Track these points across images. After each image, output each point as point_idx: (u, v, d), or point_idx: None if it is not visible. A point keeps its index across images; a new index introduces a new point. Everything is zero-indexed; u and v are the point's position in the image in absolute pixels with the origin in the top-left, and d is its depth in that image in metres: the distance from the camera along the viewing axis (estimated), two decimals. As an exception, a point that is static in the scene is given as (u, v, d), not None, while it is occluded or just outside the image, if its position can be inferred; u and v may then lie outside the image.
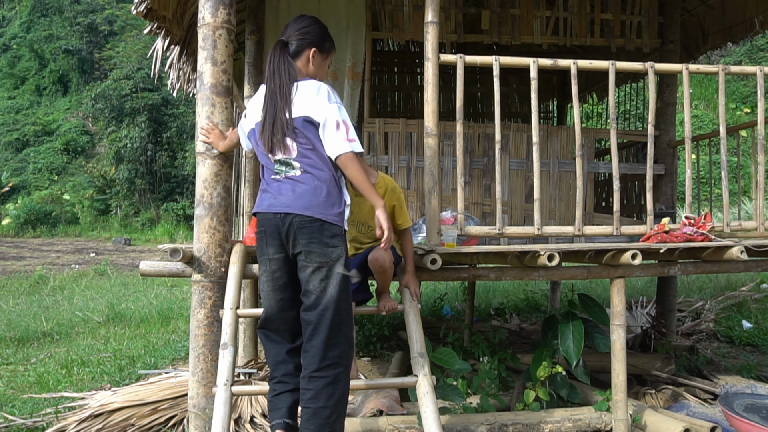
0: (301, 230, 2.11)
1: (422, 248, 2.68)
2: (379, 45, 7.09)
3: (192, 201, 16.03)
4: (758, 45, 17.01)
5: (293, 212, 2.12)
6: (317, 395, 2.06)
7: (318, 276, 2.10)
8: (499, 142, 2.90)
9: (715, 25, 5.21)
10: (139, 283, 9.91)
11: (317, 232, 2.11)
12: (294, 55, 2.27)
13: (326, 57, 2.39)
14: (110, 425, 3.14)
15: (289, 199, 2.14)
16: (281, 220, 2.14)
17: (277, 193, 2.18)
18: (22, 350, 5.39)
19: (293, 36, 2.28)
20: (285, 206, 2.14)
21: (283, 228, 2.13)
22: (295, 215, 2.11)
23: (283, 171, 2.18)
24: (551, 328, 3.34)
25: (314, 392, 2.07)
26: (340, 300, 2.11)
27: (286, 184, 2.17)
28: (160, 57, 3.80)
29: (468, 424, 2.83)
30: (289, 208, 2.13)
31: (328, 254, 2.11)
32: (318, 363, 2.07)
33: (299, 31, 2.29)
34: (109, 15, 28.46)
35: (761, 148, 3.12)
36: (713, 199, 6.08)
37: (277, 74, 2.20)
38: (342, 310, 2.12)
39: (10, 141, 25.22)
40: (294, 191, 2.14)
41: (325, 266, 2.11)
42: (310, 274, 2.11)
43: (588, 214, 4.71)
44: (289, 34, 2.29)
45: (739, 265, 3.06)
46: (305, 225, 2.11)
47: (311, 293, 2.11)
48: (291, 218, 2.12)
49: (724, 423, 3.01)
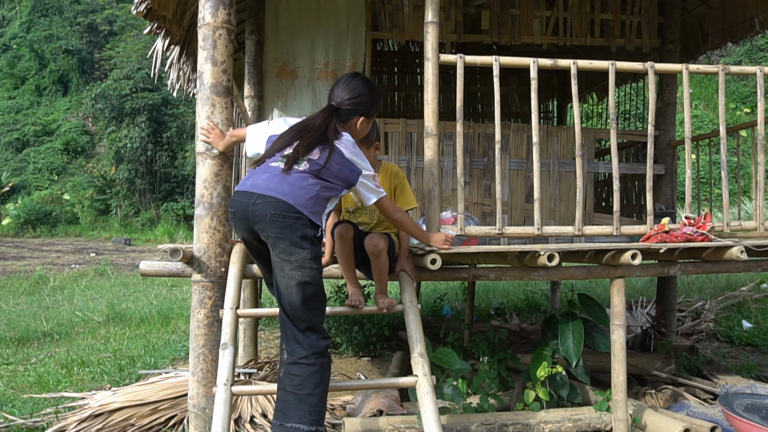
0: (277, 218, 2.07)
1: (422, 248, 2.68)
2: (379, 45, 7.09)
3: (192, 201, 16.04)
4: (758, 45, 17.02)
5: (274, 196, 2.07)
6: (304, 382, 2.06)
7: (288, 268, 2.09)
8: (499, 142, 2.90)
9: (715, 25, 5.21)
10: (139, 283, 9.91)
11: (295, 225, 2.08)
12: (343, 121, 2.32)
13: (371, 120, 2.45)
14: (110, 425, 3.14)
15: (278, 185, 2.10)
16: (257, 201, 2.09)
17: (266, 177, 2.14)
18: (22, 350, 5.39)
19: (345, 103, 2.31)
20: (269, 190, 2.09)
21: (252, 208, 2.09)
22: (276, 200, 2.07)
23: (285, 162, 2.16)
24: (551, 328, 3.34)
25: (301, 378, 2.06)
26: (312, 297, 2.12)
27: (282, 175, 2.13)
28: (160, 57, 3.80)
29: (468, 424, 2.83)
30: (271, 192, 2.08)
31: (305, 254, 2.09)
32: (307, 350, 2.08)
33: (352, 100, 2.31)
34: (109, 15, 28.45)
35: (761, 148, 3.12)
36: (713, 199, 6.08)
37: (323, 119, 2.24)
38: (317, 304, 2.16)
39: (10, 141, 25.22)
40: (284, 180, 2.12)
41: (299, 262, 2.09)
42: (281, 266, 2.09)
43: (588, 214, 4.71)
44: (341, 100, 2.31)
45: (739, 265, 3.06)
46: (284, 213, 2.07)
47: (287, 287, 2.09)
48: (269, 202, 2.07)
49: (724, 423, 3.01)
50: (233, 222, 2.21)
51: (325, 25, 4.72)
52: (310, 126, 2.22)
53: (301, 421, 2.04)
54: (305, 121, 2.27)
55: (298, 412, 2.05)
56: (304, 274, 2.08)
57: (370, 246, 2.53)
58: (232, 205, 2.18)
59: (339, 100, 2.31)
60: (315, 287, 2.12)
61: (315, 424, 2.05)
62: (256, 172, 2.21)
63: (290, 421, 2.05)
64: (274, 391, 2.53)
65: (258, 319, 4.85)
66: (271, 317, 6.20)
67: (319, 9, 4.70)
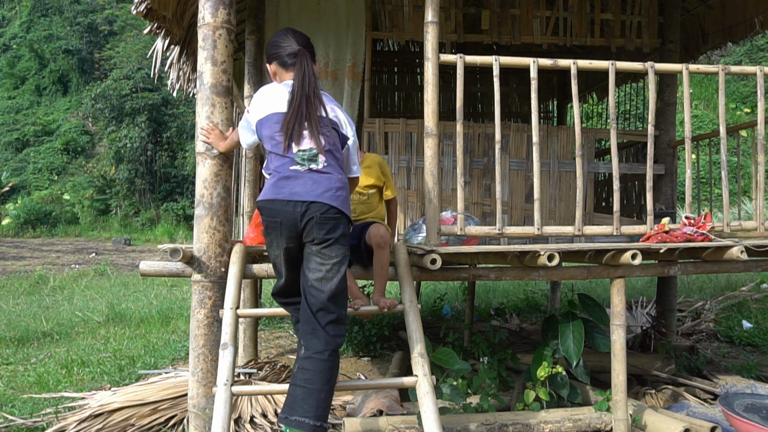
0: (324, 220, 2.14)
1: (422, 248, 2.68)
2: (379, 45, 7.09)
3: (192, 201, 16.03)
4: (758, 45, 17.02)
5: (318, 201, 2.14)
6: (315, 377, 2.08)
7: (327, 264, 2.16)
8: (499, 142, 2.90)
9: (715, 25, 5.21)
10: (139, 283, 9.91)
11: (338, 225, 2.17)
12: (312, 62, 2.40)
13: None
14: (110, 425, 3.14)
15: (314, 188, 2.16)
16: (304, 208, 2.14)
17: (300, 182, 2.18)
18: (22, 350, 5.39)
19: (310, 48, 2.40)
20: (310, 195, 2.15)
21: (302, 216, 2.14)
22: (321, 204, 2.14)
23: (306, 163, 2.19)
24: (551, 328, 3.34)
25: (313, 373, 2.09)
26: (342, 292, 2.20)
27: (311, 175, 2.18)
28: (160, 57, 3.80)
29: (468, 424, 2.83)
30: (314, 197, 2.15)
31: (343, 251, 2.19)
32: (324, 345, 2.12)
33: (308, 43, 2.40)
34: (109, 15, 28.47)
35: (761, 148, 3.12)
36: (713, 199, 6.08)
37: (308, 76, 2.28)
38: (344, 299, 2.23)
39: (10, 141, 25.22)
40: (318, 183, 2.17)
41: (339, 258, 2.17)
42: (321, 263, 2.16)
43: (588, 214, 4.71)
44: (305, 42, 2.39)
45: (739, 265, 3.06)
46: (329, 216, 2.15)
47: (321, 280, 2.15)
48: (315, 207, 2.14)
49: (724, 423, 3.01)
50: (277, 230, 2.19)
51: (325, 25, 4.72)
52: (308, 101, 2.24)
53: (306, 415, 2.06)
54: (299, 99, 2.24)
55: (304, 405, 2.07)
56: (341, 269, 2.18)
57: (376, 236, 2.55)
58: (274, 215, 2.18)
59: (303, 42, 2.37)
60: (345, 282, 2.21)
61: (320, 420, 2.07)
62: (286, 178, 2.19)
63: (295, 414, 2.07)
64: (274, 391, 2.54)
65: (258, 319, 4.86)
66: (271, 317, 6.21)
67: (319, 9, 4.70)
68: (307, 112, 2.21)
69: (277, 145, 2.21)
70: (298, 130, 2.19)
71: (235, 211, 4.58)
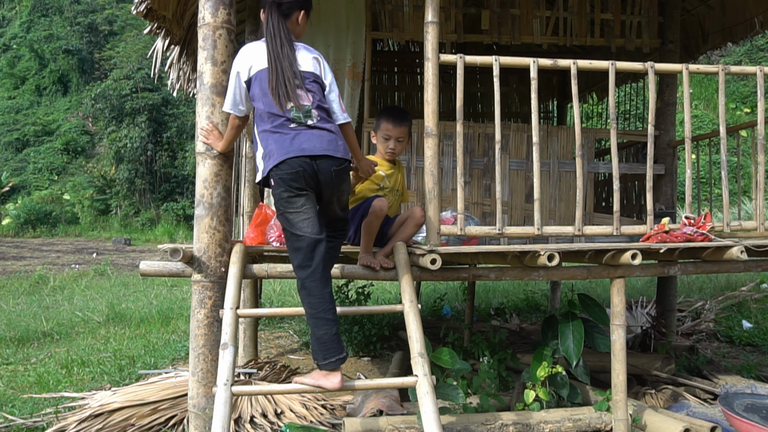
0: (339, 173, 2.30)
1: (422, 248, 2.68)
2: (379, 45, 7.09)
3: (192, 201, 16.04)
4: (758, 45, 17.01)
5: (327, 154, 2.25)
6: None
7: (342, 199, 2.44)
8: (499, 142, 2.90)
9: (715, 25, 5.21)
10: (139, 283, 9.91)
11: (347, 175, 2.39)
12: (285, 17, 2.42)
13: (308, 18, 2.60)
14: (110, 425, 3.14)
15: (322, 143, 2.26)
16: (317, 162, 2.24)
17: (305, 138, 2.25)
18: (22, 350, 5.39)
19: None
20: (322, 149, 2.25)
21: (317, 168, 2.25)
22: (334, 158, 2.27)
23: (301, 119, 2.27)
24: (551, 328, 3.34)
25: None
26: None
27: (311, 131, 2.27)
28: (160, 57, 3.81)
29: (468, 424, 2.83)
30: (327, 151, 2.26)
31: (347, 184, 2.45)
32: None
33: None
34: (109, 15, 28.47)
35: (761, 148, 3.12)
36: (713, 199, 6.08)
37: (277, 32, 2.34)
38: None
39: (10, 141, 25.22)
40: (321, 137, 2.27)
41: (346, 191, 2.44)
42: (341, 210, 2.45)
43: (588, 214, 4.71)
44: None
45: (739, 265, 3.06)
46: (344, 167, 2.33)
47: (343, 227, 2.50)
48: (327, 160, 2.25)
49: (724, 423, 3.01)
50: (296, 180, 2.24)
51: (325, 24, 4.71)
52: (284, 60, 2.29)
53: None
54: (274, 58, 2.30)
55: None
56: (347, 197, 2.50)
57: (377, 209, 2.74)
58: (293, 167, 2.23)
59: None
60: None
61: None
62: (289, 136, 2.25)
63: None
64: (274, 391, 2.54)
65: (258, 319, 4.85)
66: (271, 317, 6.21)
67: (319, 9, 4.69)
68: (283, 70, 2.27)
69: (270, 104, 2.27)
70: (284, 88, 2.25)
71: (235, 211, 4.59)
